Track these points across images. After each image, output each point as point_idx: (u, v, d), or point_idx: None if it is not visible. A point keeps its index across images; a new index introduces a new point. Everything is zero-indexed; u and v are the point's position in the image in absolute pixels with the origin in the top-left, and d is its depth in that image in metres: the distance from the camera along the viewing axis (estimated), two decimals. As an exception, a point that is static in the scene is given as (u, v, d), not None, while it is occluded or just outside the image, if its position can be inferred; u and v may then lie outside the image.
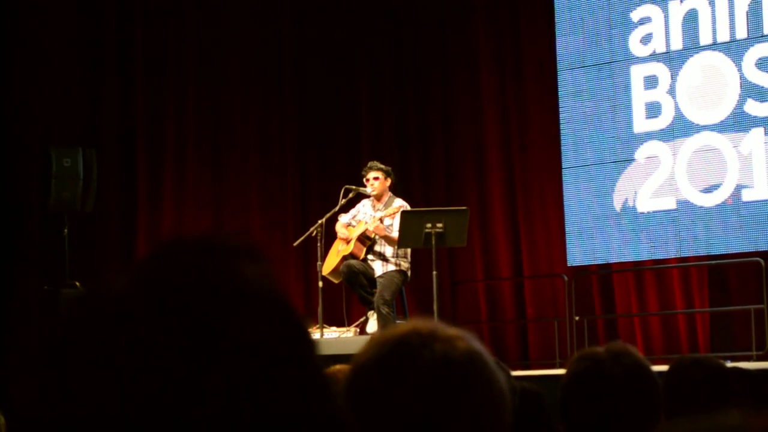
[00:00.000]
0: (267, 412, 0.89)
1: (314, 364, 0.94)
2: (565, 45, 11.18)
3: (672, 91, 10.57)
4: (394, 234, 9.49)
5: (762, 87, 10.12)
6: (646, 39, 10.73)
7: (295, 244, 10.19)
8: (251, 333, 0.90)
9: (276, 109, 12.47)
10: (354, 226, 9.88)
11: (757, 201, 10.09)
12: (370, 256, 9.74)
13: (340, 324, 10.21)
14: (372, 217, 9.73)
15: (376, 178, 9.77)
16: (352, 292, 10.00)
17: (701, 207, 10.35)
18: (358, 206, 10.00)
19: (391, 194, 9.89)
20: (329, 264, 9.85)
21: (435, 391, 1.43)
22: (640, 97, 10.75)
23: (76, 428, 0.88)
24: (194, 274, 0.92)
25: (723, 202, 10.25)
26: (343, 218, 9.98)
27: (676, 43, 10.59)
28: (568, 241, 11.07)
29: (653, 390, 2.64)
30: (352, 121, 12.82)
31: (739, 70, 10.23)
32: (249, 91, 12.25)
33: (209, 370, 0.88)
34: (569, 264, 11.08)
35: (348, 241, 9.76)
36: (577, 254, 11.01)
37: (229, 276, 0.93)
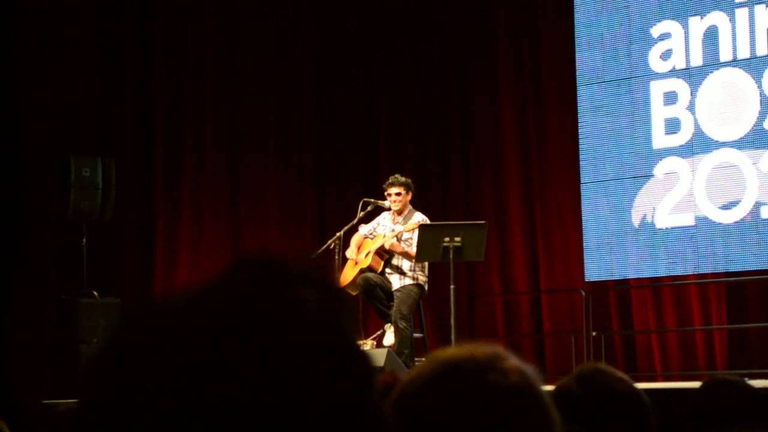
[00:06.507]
0: None
1: (366, 392, 0.96)
2: (585, 60, 11.17)
3: (691, 107, 10.56)
4: (413, 249, 9.48)
5: (782, 104, 10.11)
6: (666, 55, 10.72)
7: (312, 256, 10.17)
8: (302, 358, 0.92)
9: (295, 121, 12.49)
10: (372, 239, 9.88)
11: (777, 218, 10.07)
12: (387, 270, 9.74)
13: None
14: (391, 230, 9.73)
15: (398, 194, 9.75)
16: (369, 305, 10.00)
17: (720, 223, 10.32)
18: (379, 218, 9.99)
19: (411, 207, 9.88)
20: (346, 276, 9.85)
21: (479, 423, 1.40)
22: (659, 113, 10.73)
23: None
24: (253, 297, 0.94)
25: (742, 219, 10.22)
26: (363, 230, 9.98)
27: (696, 59, 10.57)
28: (585, 256, 11.05)
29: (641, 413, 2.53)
30: (370, 132, 12.83)
31: (759, 87, 10.20)
32: (268, 103, 12.27)
33: (259, 392, 0.89)
34: (587, 279, 11.06)
35: (356, 263, 9.77)
36: (595, 269, 10.99)
37: (287, 301, 0.95)
